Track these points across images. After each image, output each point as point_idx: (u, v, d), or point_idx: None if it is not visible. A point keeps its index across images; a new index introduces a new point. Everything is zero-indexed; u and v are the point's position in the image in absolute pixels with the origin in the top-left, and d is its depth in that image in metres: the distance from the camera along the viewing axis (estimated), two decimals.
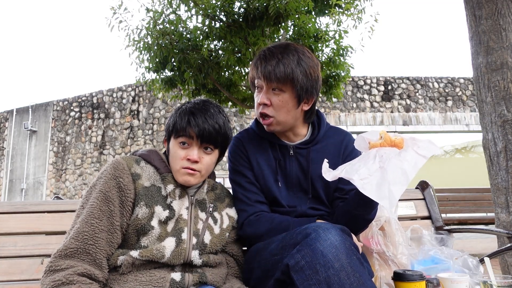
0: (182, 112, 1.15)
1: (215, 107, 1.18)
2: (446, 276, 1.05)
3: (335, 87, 5.90)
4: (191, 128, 1.11)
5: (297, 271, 0.92)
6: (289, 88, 1.20)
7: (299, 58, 1.20)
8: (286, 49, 1.22)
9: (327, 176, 1.02)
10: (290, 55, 1.20)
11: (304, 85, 1.20)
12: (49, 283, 0.91)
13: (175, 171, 1.14)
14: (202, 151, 1.14)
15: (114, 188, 1.05)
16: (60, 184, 10.70)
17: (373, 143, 1.05)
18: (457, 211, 4.92)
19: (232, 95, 6.04)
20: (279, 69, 1.18)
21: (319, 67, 1.27)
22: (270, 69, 1.19)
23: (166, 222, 1.09)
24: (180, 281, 1.04)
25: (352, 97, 10.48)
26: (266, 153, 1.31)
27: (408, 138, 1.03)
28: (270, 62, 1.20)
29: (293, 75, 1.18)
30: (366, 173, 0.96)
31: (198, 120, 1.12)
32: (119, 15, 5.10)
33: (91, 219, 1.00)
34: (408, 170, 0.94)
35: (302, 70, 1.20)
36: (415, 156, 0.97)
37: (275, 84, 1.20)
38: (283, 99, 1.21)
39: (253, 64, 1.26)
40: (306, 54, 1.23)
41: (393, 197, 0.92)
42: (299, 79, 1.19)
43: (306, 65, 1.21)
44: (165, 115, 10.23)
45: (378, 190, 0.93)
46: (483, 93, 2.16)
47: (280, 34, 5.51)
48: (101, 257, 0.99)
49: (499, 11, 2.10)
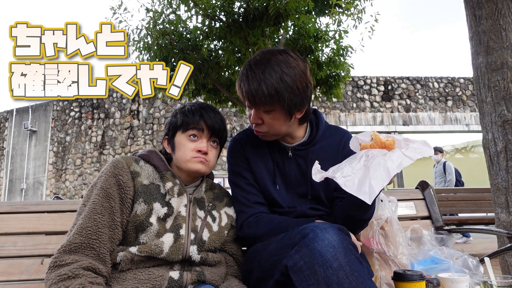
0: (191, 109, 1.20)
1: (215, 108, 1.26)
2: (446, 276, 1.05)
3: (335, 87, 5.90)
4: (204, 121, 1.17)
5: (296, 272, 0.92)
6: (277, 106, 1.16)
7: (282, 73, 1.13)
8: (268, 65, 1.14)
9: (316, 177, 1.03)
10: (272, 72, 1.13)
11: (291, 100, 1.15)
12: (54, 277, 0.92)
13: (185, 161, 1.16)
14: (210, 144, 1.20)
15: (114, 185, 1.07)
16: (60, 184, 10.70)
17: (364, 145, 1.06)
18: (457, 211, 4.92)
19: (232, 95, 6.04)
20: (262, 91, 1.12)
21: (307, 73, 1.19)
22: (253, 92, 1.13)
23: (165, 219, 1.11)
24: (179, 279, 1.04)
25: (352, 97, 10.48)
26: (264, 155, 1.31)
27: (402, 139, 1.03)
28: (252, 84, 1.14)
29: (278, 95, 1.12)
30: (349, 171, 0.98)
31: (210, 114, 1.20)
32: (119, 15, 5.10)
33: (94, 214, 1.02)
34: (390, 168, 0.95)
35: (287, 86, 1.12)
36: (401, 157, 0.97)
37: (262, 107, 1.17)
38: (274, 117, 1.19)
39: (238, 84, 1.21)
40: (290, 64, 1.15)
41: (373, 191, 0.93)
42: (285, 97, 1.13)
43: (291, 78, 1.13)
44: (165, 115, 10.23)
45: (359, 187, 0.94)
46: (483, 93, 2.16)
47: (280, 34, 5.51)
48: (104, 251, 1.00)
49: (499, 11, 2.10)
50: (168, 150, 1.22)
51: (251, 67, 1.17)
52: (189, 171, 1.17)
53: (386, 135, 1.05)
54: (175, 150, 1.19)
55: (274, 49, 1.22)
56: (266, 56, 1.17)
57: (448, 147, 11.68)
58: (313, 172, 1.05)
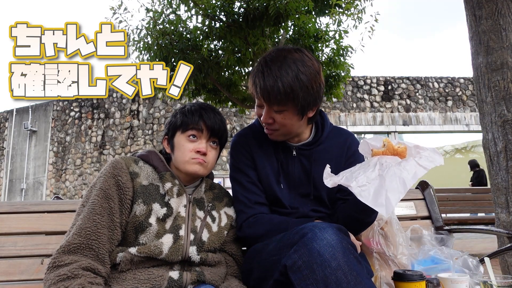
0: (190, 109, 1.20)
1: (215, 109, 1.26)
2: (446, 276, 1.05)
3: (335, 87, 5.91)
4: (203, 121, 1.17)
5: (295, 271, 0.92)
6: (290, 106, 1.15)
7: (298, 71, 1.12)
8: (284, 63, 1.13)
9: (327, 182, 1.02)
10: (288, 70, 1.12)
11: (305, 100, 1.14)
12: (53, 278, 0.92)
13: (183, 162, 1.16)
14: (209, 145, 1.19)
15: (113, 186, 1.07)
16: (60, 184, 10.70)
17: (376, 151, 1.04)
18: (457, 211, 4.92)
19: (232, 95, 6.04)
20: (278, 89, 1.11)
21: (320, 73, 1.19)
22: (269, 89, 1.12)
23: (164, 220, 1.10)
24: (178, 279, 1.04)
25: (352, 97, 10.48)
26: (269, 153, 1.30)
27: (412, 146, 1.02)
28: (268, 81, 1.12)
29: (293, 93, 1.12)
30: (364, 180, 0.96)
31: (209, 114, 1.19)
32: (119, 15, 5.10)
33: (93, 215, 1.02)
34: (406, 179, 0.94)
35: (303, 85, 1.12)
36: (416, 166, 0.96)
37: (275, 106, 1.16)
38: (286, 117, 1.18)
39: (251, 80, 1.19)
40: (306, 63, 1.15)
41: (390, 204, 0.92)
42: (300, 96, 1.13)
43: (307, 77, 1.13)
44: (165, 115, 10.23)
45: (375, 197, 0.93)
46: (483, 93, 2.16)
47: (280, 34, 5.51)
48: (103, 252, 1.00)
49: (499, 11, 2.10)
50: (168, 150, 1.22)
51: (267, 63, 1.15)
52: (187, 173, 1.17)
53: (398, 142, 1.04)
54: (174, 150, 1.19)
55: (289, 47, 1.21)
56: (282, 53, 1.17)
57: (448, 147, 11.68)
58: (324, 176, 1.04)
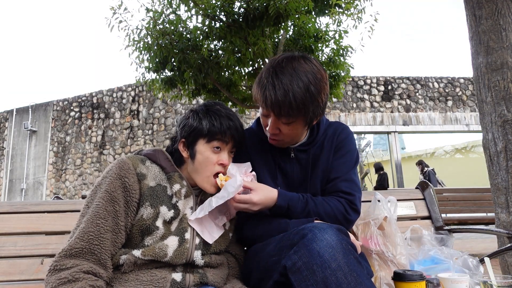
0: (217, 116, 1.13)
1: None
2: (446, 276, 1.05)
3: (335, 87, 5.91)
4: (231, 134, 1.13)
5: (294, 272, 0.92)
6: (300, 118, 1.13)
7: (309, 83, 1.09)
8: (294, 74, 1.09)
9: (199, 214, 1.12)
10: (299, 82, 1.08)
11: (314, 112, 1.14)
12: (54, 281, 0.91)
13: (203, 176, 1.13)
14: (229, 155, 1.17)
15: (119, 188, 1.04)
16: (60, 184, 10.70)
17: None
18: (457, 211, 4.92)
19: (232, 95, 6.04)
20: (289, 103, 1.07)
21: (327, 82, 1.17)
22: (280, 103, 1.08)
23: (171, 222, 1.09)
24: (181, 281, 1.04)
25: (352, 97, 10.47)
26: (266, 155, 1.30)
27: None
28: (278, 94, 1.07)
29: (304, 108, 1.09)
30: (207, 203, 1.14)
31: (236, 123, 1.15)
32: (119, 15, 5.09)
33: (97, 219, 1.00)
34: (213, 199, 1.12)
35: (314, 99, 1.10)
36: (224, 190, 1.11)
37: (284, 119, 1.13)
38: (293, 128, 1.17)
39: (259, 91, 1.13)
40: (316, 74, 1.12)
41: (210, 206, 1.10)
42: (310, 110, 1.11)
43: (317, 90, 1.10)
44: (165, 115, 10.22)
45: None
46: (483, 93, 2.16)
47: (280, 34, 5.51)
48: (105, 257, 0.99)
49: (499, 11, 2.10)
50: (185, 155, 1.16)
51: (277, 75, 1.10)
52: (200, 186, 1.15)
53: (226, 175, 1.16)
54: (195, 159, 1.14)
55: (297, 55, 1.16)
56: (291, 63, 1.12)
57: (448, 147, 11.68)
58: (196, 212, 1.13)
